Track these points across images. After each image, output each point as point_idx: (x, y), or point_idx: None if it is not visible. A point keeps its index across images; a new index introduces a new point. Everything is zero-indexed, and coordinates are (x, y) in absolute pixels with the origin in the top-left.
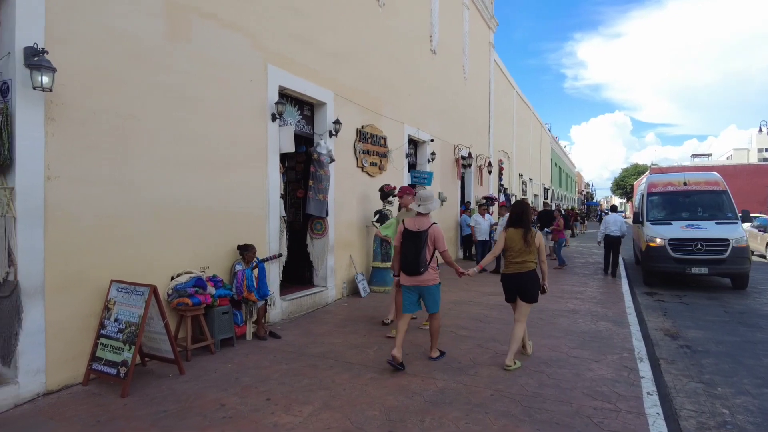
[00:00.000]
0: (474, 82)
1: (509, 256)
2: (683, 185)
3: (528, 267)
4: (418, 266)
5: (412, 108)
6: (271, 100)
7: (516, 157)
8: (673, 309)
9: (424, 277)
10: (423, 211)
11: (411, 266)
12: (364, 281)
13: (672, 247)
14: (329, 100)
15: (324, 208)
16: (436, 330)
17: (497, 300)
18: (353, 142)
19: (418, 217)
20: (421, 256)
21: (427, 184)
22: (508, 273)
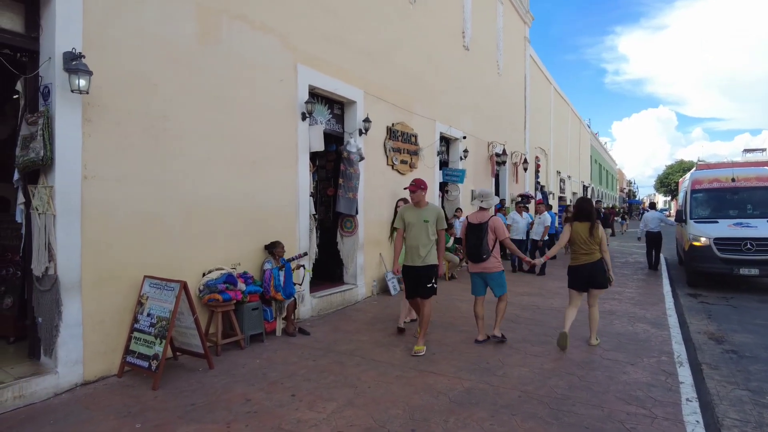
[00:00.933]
0: (509, 78)
1: (576, 249)
2: (731, 181)
3: (595, 257)
4: (480, 254)
5: (444, 105)
6: (301, 99)
7: (553, 154)
8: (719, 312)
9: (487, 264)
10: (485, 206)
11: (474, 254)
12: (394, 279)
13: (718, 246)
14: (359, 99)
15: (354, 206)
16: (502, 310)
17: (530, 301)
18: (383, 140)
19: (479, 212)
20: (483, 245)
21: (459, 182)
22: (577, 264)
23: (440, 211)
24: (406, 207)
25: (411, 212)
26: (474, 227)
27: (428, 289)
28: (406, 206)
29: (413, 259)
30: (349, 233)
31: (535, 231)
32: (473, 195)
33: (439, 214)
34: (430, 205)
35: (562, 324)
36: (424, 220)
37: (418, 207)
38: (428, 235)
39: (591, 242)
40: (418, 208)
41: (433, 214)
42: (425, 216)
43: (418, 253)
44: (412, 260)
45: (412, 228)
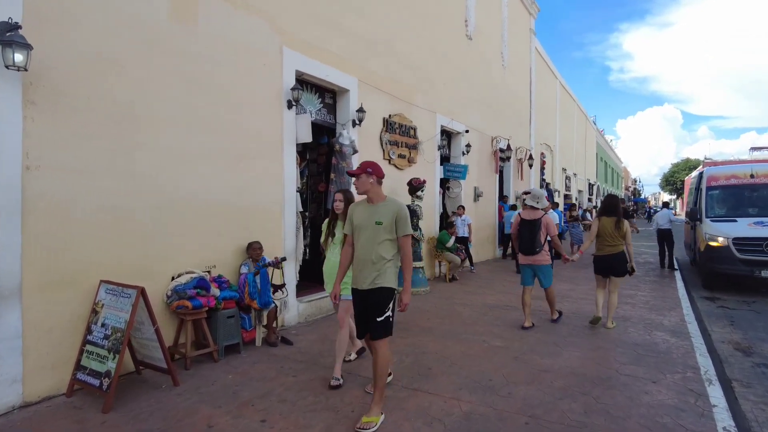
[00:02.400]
0: (514, 71)
1: (602, 240)
2: (750, 177)
3: (618, 249)
4: (534, 247)
5: (446, 97)
6: (287, 86)
7: (559, 150)
8: (741, 317)
9: (538, 257)
10: (538, 207)
11: (528, 248)
12: None
13: (737, 246)
14: (353, 87)
15: None
16: (552, 299)
17: (536, 305)
18: (379, 132)
19: (530, 210)
20: (536, 240)
21: (461, 178)
22: (601, 255)
23: (401, 210)
24: (355, 204)
25: (361, 210)
26: (527, 223)
27: (378, 326)
28: (356, 203)
29: (359, 280)
30: None
31: None
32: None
33: (399, 214)
34: (388, 201)
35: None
36: (377, 221)
37: (370, 203)
38: (382, 245)
39: (616, 235)
40: (370, 205)
41: (389, 214)
42: (379, 216)
43: (365, 270)
44: (357, 281)
45: (360, 233)
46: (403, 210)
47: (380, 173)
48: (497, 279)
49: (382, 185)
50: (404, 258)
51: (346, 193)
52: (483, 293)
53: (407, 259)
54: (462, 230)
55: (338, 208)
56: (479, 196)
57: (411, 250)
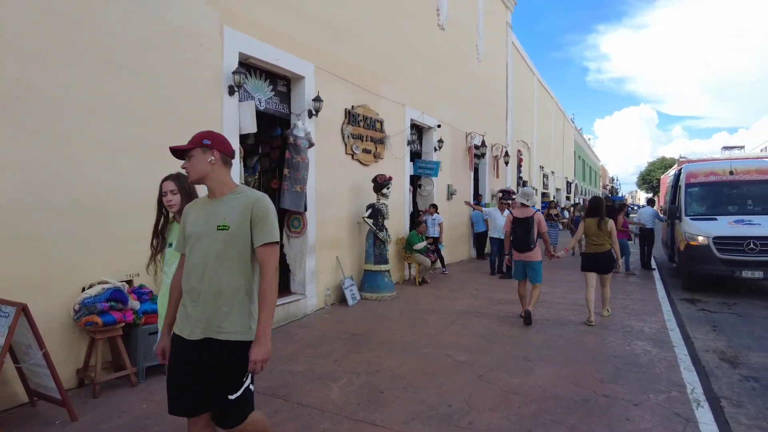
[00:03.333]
0: (489, 65)
1: (588, 240)
2: (729, 174)
3: (605, 248)
4: (528, 244)
5: (416, 89)
6: (228, 70)
7: (537, 148)
8: (724, 322)
9: (531, 254)
10: (529, 204)
11: (522, 244)
12: (353, 287)
13: (718, 246)
14: (309, 74)
15: (302, 201)
16: (536, 295)
17: (510, 310)
18: (341, 124)
19: (522, 208)
20: (529, 237)
21: (433, 175)
22: (589, 252)
23: (259, 204)
24: (193, 202)
25: (197, 210)
26: (521, 221)
27: (231, 408)
28: (195, 201)
29: (187, 323)
30: (297, 233)
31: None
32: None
33: (255, 210)
34: (240, 192)
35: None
36: (220, 225)
37: (212, 197)
38: (228, 263)
39: (601, 235)
40: (211, 201)
41: (239, 211)
42: (222, 216)
43: (201, 307)
44: (182, 324)
45: (195, 246)
46: (261, 204)
47: (226, 148)
48: (470, 281)
49: (347, 182)
50: (264, 282)
51: (178, 179)
52: (453, 297)
53: (268, 286)
54: (433, 230)
55: (171, 204)
56: (453, 194)
57: (275, 269)
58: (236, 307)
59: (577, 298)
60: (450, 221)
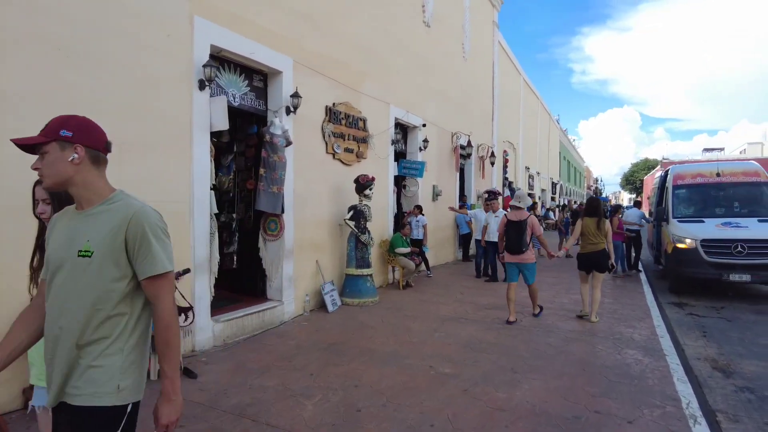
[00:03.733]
0: (475, 64)
1: (585, 239)
2: (716, 176)
3: (600, 247)
4: (521, 246)
5: (401, 87)
6: (198, 63)
7: (522, 148)
8: (713, 327)
9: (524, 256)
10: (521, 206)
11: (515, 247)
12: (334, 292)
13: (705, 249)
14: (287, 69)
15: (278, 202)
16: (535, 293)
17: (496, 316)
18: (321, 122)
19: (517, 210)
20: (522, 239)
21: (417, 176)
22: (585, 252)
23: (141, 219)
24: (59, 214)
25: (62, 225)
26: (514, 224)
27: None
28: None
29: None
30: (274, 236)
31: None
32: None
33: (133, 230)
34: (116, 201)
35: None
36: (81, 251)
37: (79, 208)
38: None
39: (598, 234)
40: (78, 213)
41: (106, 231)
42: (87, 237)
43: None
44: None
45: (54, 276)
46: (140, 220)
47: (96, 140)
48: (455, 285)
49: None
50: (161, 325)
51: None
52: (438, 302)
53: (167, 329)
54: (417, 232)
55: (44, 215)
56: (438, 195)
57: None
58: (101, 361)
59: (564, 302)
60: (435, 223)
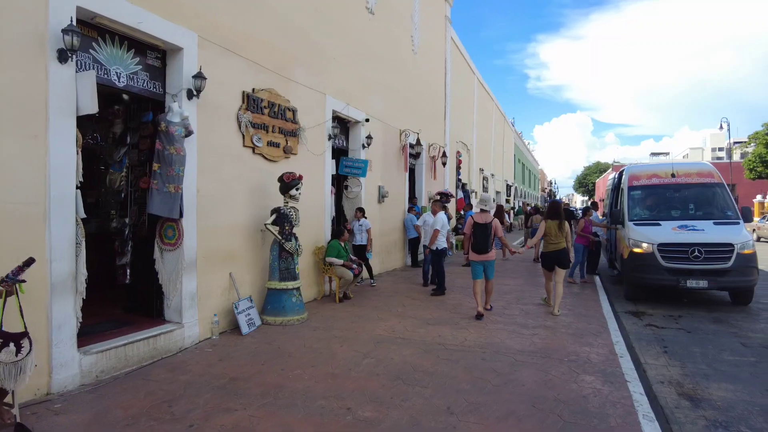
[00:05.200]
0: (426, 59)
1: (548, 239)
2: (671, 177)
3: (561, 246)
4: (487, 247)
5: (340, 77)
6: (55, 28)
7: (476, 150)
8: (674, 341)
9: (489, 255)
10: (487, 209)
11: (482, 247)
12: (252, 310)
13: (662, 254)
14: (189, 45)
15: (175, 204)
16: (491, 290)
17: (439, 333)
18: (237, 110)
19: (482, 213)
20: (488, 240)
21: (360, 175)
22: (548, 251)
23: None
24: None
25: None
26: (481, 226)
27: None
28: None
29: None
30: (171, 246)
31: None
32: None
33: None
34: None
35: None
36: None
37: None
38: None
39: (559, 235)
40: None
41: None
42: None
43: None
44: None
45: None
46: None
47: None
48: (399, 296)
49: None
50: None
51: None
52: (375, 318)
53: None
54: (360, 237)
55: None
56: (384, 197)
57: None
58: None
59: (515, 315)
60: (382, 226)
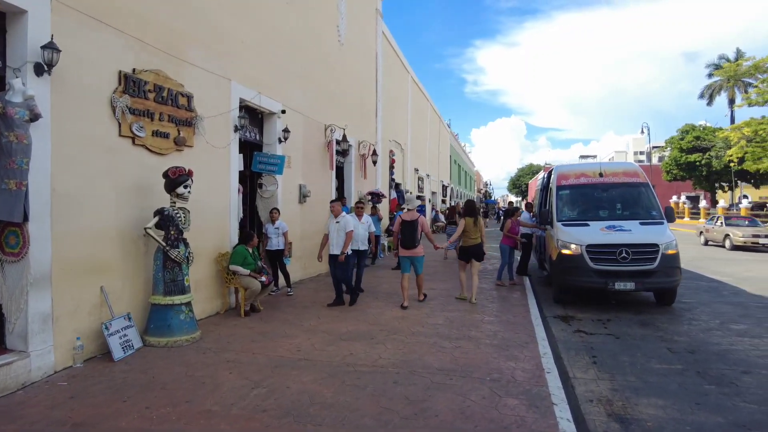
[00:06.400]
0: (355, 52)
1: (466, 234)
2: (599, 176)
3: (477, 241)
4: (414, 242)
5: (251, 62)
6: None
7: (411, 149)
8: (603, 349)
9: (416, 250)
10: (411, 208)
11: (409, 243)
12: (131, 329)
13: (591, 255)
14: (37, 7)
15: (17, 204)
16: (421, 284)
17: (351, 352)
18: (111, 93)
19: (410, 212)
20: (415, 236)
21: (276, 173)
22: (466, 245)
23: None
24: None
25: None
26: (408, 223)
27: None
28: None
29: None
30: (14, 256)
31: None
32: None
33: None
34: None
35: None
36: None
37: None
38: None
39: (475, 230)
40: None
41: None
42: None
43: None
44: None
45: None
46: None
47: None
48: (315, 306)
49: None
50: None
51: None
52: (282, 335)
53: None
54: (276, 241)
55: None
56: (306, 197)
57: None
58: None
59: (438, 324)
60: (303, 229)
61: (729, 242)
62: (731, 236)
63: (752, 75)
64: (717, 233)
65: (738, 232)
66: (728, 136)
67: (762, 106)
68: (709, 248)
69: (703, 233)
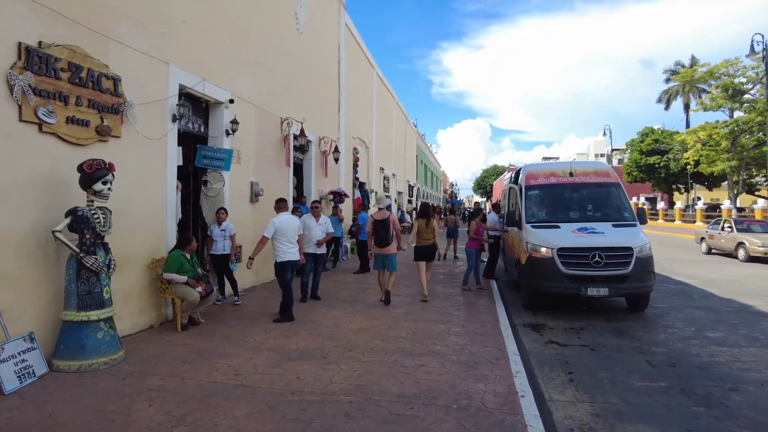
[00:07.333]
0: (315, 42)
1: (420, 235)
2: (569, 176)
3: (431, 242)
4: (387, 240)
5: (193, 45)
6: None
7: (377, 148)
8: (578, 362)
9: (388, 248)
10: (382, 207)
11: (382, 241)
12: (32, 353)
13: (563, 259)
14: None
15: None
16: (393, 280)
17: (299, 373)
18: (6, 69)
19: (380, 211)
20: (387, 234)
21: (224, 169)
22: (420, 246)
23: None
24: None
25: None
26: (380, 222)
27: None
28: None
29: None
30: None
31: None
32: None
33: None
34: None
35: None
36: None
37: None
38: None
39: (428, 232)
40: None
41: None
42: None
43: None
44: None
45: None
46: None
47: None
48: (266, 317)
49: None
50: None
51: None
52: (221, 353)
53: None
54: (221, 245)
55: None
56: (259, 195)
57: None
58: None
59: (401, 337)
60: (255, 230)
61: (744, 252)
62: (747, 245)
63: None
64: (726, 241)
65: (756, 240)
66: (685, 139)
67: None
68: (710, 257)
69: (706, 240)
